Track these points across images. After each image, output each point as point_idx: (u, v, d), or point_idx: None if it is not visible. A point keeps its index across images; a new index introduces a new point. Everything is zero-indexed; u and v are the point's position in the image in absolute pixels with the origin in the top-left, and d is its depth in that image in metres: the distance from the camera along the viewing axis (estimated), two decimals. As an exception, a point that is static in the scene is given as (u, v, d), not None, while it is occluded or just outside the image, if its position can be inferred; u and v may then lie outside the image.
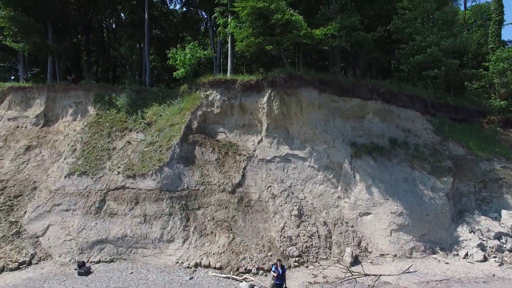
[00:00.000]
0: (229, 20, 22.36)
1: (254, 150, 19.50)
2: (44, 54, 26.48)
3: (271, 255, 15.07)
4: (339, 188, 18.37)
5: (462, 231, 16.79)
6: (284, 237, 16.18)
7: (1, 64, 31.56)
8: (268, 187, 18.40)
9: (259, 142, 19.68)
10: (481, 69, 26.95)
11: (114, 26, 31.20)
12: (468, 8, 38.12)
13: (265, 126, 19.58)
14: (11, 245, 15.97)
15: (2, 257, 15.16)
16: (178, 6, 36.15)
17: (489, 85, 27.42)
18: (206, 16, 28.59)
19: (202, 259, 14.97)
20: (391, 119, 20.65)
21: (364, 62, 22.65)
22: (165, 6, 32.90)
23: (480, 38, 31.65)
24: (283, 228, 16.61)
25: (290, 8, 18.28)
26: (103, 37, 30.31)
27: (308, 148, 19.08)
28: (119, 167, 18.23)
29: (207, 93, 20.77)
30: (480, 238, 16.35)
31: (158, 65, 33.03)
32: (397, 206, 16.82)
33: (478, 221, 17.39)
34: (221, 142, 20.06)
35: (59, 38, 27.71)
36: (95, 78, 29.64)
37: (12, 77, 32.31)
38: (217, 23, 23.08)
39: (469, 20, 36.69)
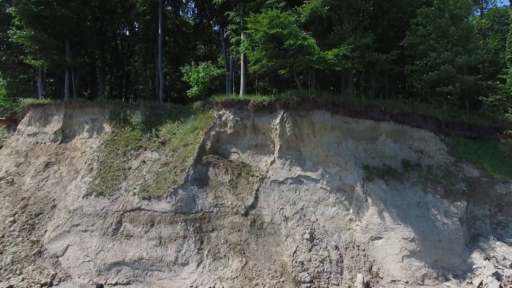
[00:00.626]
0: (242, 38, 22.71)
1: (267, 171, 19.83)
2: (62, 69, 27.36)
3: (283, 281, 15.44)
4: (351, 210, 18.57)
5: (477, 258, 16.83)
6: (296, 261, 16.52)
7: (21, 76, 32.43)
8: (280, 209, 18.73)
9: (271, 163, 20.00)
10: (498, 82, 26.57)
11: (128, 42, 32.00)
12: (485, 12, 37.41)
13: (278, 147, 19.88)
14: (33, 265, 16.76)
15: (25, 278, 15.94)
16: (190, 14, 36.49)
17: (506, 98, 27.11)
18: (218, 29, 28.87)
19: (215, 284, 15.45)
20: (404, 139, 20.69)
21: (377, 82, 22.67)
22: (178, 17, 33.37)
23: (497, 45, 31.20)
24: (295, 252, 16.95)
25: (303, 30, 18.47)
26: (117, 52, 31.14)
27: (320, 169, 19.31)
28: (134, 188, 18.82)
29: (220, 112, 21.19)
30: (495, 266, 16.37)
31: (171, 75, 33.65)
32: (409, 231, 16.94)
33: (493, 248, 17.39)
34: (234, 162, 20.45)
35: (76, 54, 28.53)
36: (110, 91, 30.50)
37: (31, 87, 33.21)
38: (230, 41, 23.39)
39: (486, 25, 36.06)
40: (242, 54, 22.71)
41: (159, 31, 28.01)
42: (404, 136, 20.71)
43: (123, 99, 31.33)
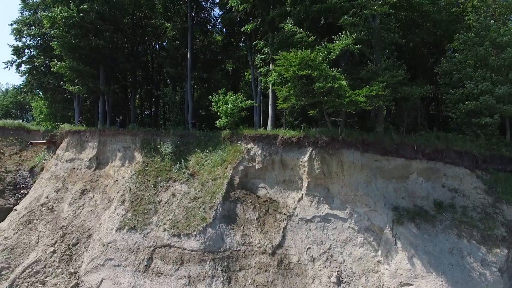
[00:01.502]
0: (270, 67, 23.01)
1: (294, 208, 20.07)
2: (96, 95, 28.87)
3: (310, 329, 15.66)
4: (379, 252, 18.44)
5: (515, 313, 16.26)
6: (323, 307, 16.68)
7: (59, 98, 34.46)
8: (307, 249, 18.93)
9: (299, 200, 20.20)
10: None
11: (158, 67, 33.26)
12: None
13: (306, 184, 20.04)
14: (72, 298, 18.00)
15: (64, 311, 17.17)
16: (218, 31, 37.10)
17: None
18: (247, 53, 29.29)
19: (243, 328, 15.92)
20: (437, 177, 20.19)
21: (409, 116, 22.21)
22: (207, 37, 34.06)
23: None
24: (322, 296, 17.11)
25: (333, 68, 18.48)
26: (148, 77, 32.48)
27: (348, 209, 19.29)
28: (165, 224, 19.67)
29: (249, 146, 21.63)
30: (535, 323, 15.76)
31: (200, 90, 34.63)
32: (441, 281, 16.62)
33: (535, 301, 16.72)
34: (261, 198, 20.84)
35: (109, 79, 29.96)
36: (140, 115, 31.87)
37: (68, 107, 35.31)
38: (259, 70, 23.74)
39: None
40: (270, 85, 22.96)
41: (188, 56, 28.83)
42: (437, 174, 20.21)
43: (153, 122, 32.61)
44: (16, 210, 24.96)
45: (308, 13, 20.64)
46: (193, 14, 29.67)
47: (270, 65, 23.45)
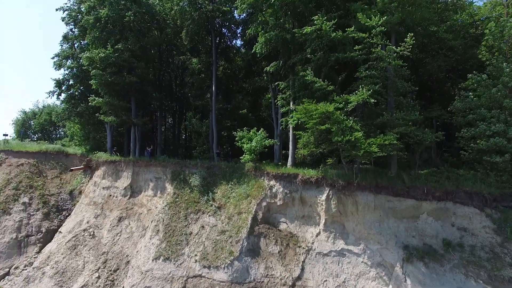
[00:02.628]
0: (291, 106, 25.29)
1: (313, 243, 22.44)
2: (128, 126, 32.00)
3: None
4: (390, 286, 20.58)
5: None
6: (338, 338, 19.05)
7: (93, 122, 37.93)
8: (324, 281, 21.30)
9: (317, 235, 22.55)
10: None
11: (185, 99, 36.29)
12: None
13: (323, 220, 22.36)
14: (116, 322, 21.08)
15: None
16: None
17: None
18: (269, 86, 31.60)
19: None
20: (446, 217, 22.04)
21: (420, 158, 24.04)
22: (230, 65, 36.55)
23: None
24: (337, 328, 19.47)
25: (350, 118, 20.62)
26: (175, 107, 35.47)
27: (362, 245, 21.49)
28: (196, 255, 22.46)
29: (271, 183, 24.10)
30: None
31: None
32: (447, 318, 18.66)
33: None
34: (282, 232, 23.31)
35: (139, 109, 33.06)
36: (168, 143, 34.88)
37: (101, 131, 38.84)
38: (281, 111, 26.09)
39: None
40: (291, 125, 25.22)
41: (213, 88, 31.47)
42: (447, 213, 22.07)
43: (180, 149, 35.60)
44: (61, 232, 28.41)
45: (327, 61, 22.79)
46: (216, 42, 32.22)
47: (291, 105, 25.72)
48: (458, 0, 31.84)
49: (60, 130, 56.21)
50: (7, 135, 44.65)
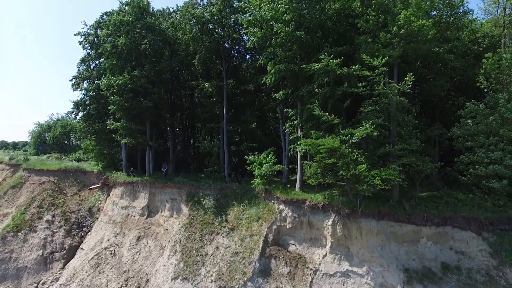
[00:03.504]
0: (299, 133, 27.22)
1: (319, 264, 24.46)
2: (143, 147, 34.19)
3: None
4: (393, 306, 22.55)
5: None
6: None
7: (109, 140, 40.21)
8: (330, 301, 23.32)
9: (323, 257, 24.55)
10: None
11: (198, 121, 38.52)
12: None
13: (329, 243, 24.35)
14: (140, 336, 23.31)
15: None
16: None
17: None
18: (277, 110, 33.54)
19: None
20: (445, 240, 23.89)
21: (421, 186, 25.84)
22: (240, 89, 38.45)
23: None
24: None
25: (354, 150, 22.54)
26: (188, 131, 37.65)
27: (365, 266, 23.46)
28: (211, 275, 24.59)
29: (281, 207, 26.14)
30: None
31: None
32: (444, 338, 20.59)
33: None
34: (291, 253, 25.36)
35: (152, 129, 35.23)
36: (180, 158, 37.15)
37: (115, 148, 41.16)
38: (290, 138, 28.05)
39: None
40: (299, 152, 27.17)
41: (224, 111, 33.52)
42: (445, 237, 23.92)
43: (192, 168, 37.85)
44: (83, 249, 30.73)
45: (333, 94, 24.69)
46: (227, 66, 34.25)
47: (299, 131, 27.66)
48: (459, 19, 33.20)
49: (73, 142, 58.80)
50: (26, 150, 47.18)
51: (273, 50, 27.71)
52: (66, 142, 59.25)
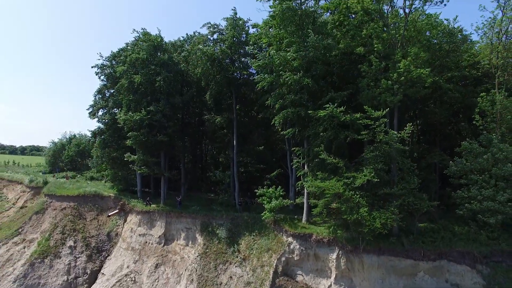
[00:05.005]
0: (306, 169, 29.69)
1: (325, 294, 27.01)
2: (158, 176, 36.89)
3: None
4: (393, 335, 25.08)
5: None
6: None
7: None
8: (335, 329, 25.87)
9: (329, 287, 27.08)
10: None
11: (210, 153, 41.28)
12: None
13: (334, 275, 26.88)
14: None
15: None
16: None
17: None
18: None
19: None
20: (441, 273, 26.31)
21: (419, 219, 28.14)
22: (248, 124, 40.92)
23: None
24: None
25: (357, 193, 24.98)
26: (201, 161, 40.34)
27: (368, 298, 25.98)
28: (226, 305, 27.25)
29: (289, 240, 28.69)
30: None
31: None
32: None
33: None
34: (299, 283, 27.93)
35: (165, 158, 37.94)
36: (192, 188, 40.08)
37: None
38: (297, 174, 30.54)
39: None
40: (306, 188, 29.62)
41: (234, 143, 36.06)
42: (441, 271, 26.33)
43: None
44: (104, 274, 33.52)
45: (337, 137, 27.11)
46: (237, 99, 36.80)
47: (305, 167, 30.12)
48: (458, 46, 35.11)
49: (87, 161, 61.74)
50: (45, 172, 50.19)
51: (281, 91, 30.03)
52: (79, 160, 62.29)
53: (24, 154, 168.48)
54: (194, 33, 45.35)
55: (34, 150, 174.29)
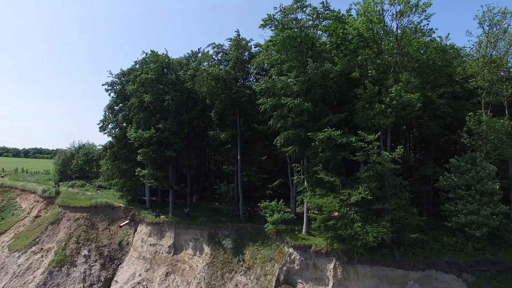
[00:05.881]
0: (306, 184, 32.29)
1: (323, 301, 29.70)
2: (167, 189, 39.61)
3: None
4: (385, 338, 27.76)
5: None
6: None
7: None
8: (333, 333, 28.58)
9: (327, 295, 29.78)
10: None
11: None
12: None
13: (331, 283, 29.53)
14: None
15: None
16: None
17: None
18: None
19: None
20: (430, 282, 28.95)
21: (410, 231, 30.67)
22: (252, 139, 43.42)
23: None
24: None
25: (352, 209, 27.61)
26: (206, 172, 43.10)
27: (362, 304, 28.66)
28: (233, 311, 29.96)
29: (290, 251, 31.35)
30: None
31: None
32: None
33: None
34: (299, 291, 30.62)
35: (175, 175, 40.67)
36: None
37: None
38: (297, 190, 33.16)
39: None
40: (305, 202, 32.22)
41: (238, 157, 38.68)
42: (430, 279, 28.98)
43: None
44: (117, 282, 36.25)
45: (334, 157, 29.69)
46: (241, 118, 39.40)
47: (305, 183, 32.73)
48: (450, 63, 37.62)
49: (94, 170, 64.59)
50: (57, 185, 53.07)
51: (283, 113, 32.55)
52: (87, 168, 65.10)
53: (27, 157, 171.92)
54: (198, 49, 48.10)
55: (37, 153, 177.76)
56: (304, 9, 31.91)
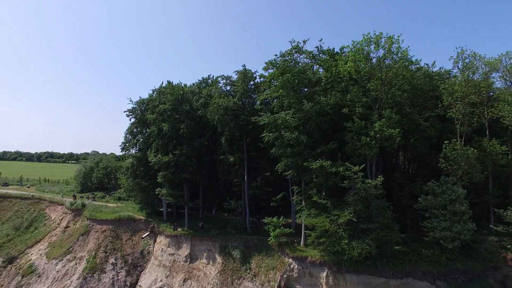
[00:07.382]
0: (303, 204, 38.49)
1: (318, 304, 35.96)
2: (182, 204, 46.14)
3: None
4: (369, 335, 33.94)
5: None
6: None
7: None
8: (325, 331, 34.83)
9: (321, 299, 36.02)
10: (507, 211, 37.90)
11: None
12: None
13: (324, 290, 35.75)
14: None
15: None
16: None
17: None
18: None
19: None
20: (407, 288, 35.04)
21: (392, 244, 36.67)
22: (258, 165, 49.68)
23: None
24: None
25: (340, 228, 33.76)
26: (218, 192, 49.74)
27: (350, 307, 34.84)
28: (241, 313, 36.36)
29: (290, 261, 37.62)
30: None
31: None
32: None
33: None
34: (298, 296, 36.88)
35: (189, 192, 47.17)
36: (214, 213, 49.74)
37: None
38: (296, 208, 39.40)
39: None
40: (303, 219, 38.42)
41: (245, 178, 44.97)
42: (407, 286, 34.92)
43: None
44: (141, 286, 42.82)
45: (326, 182, 35.84)
46: (247, 142, 45.68)
47: (303, 203, 38.92)
48: (436, 88, 43.34)
49: (113, 182, 71.60)
50: (74, 197, 60.35)
51: (283, 143, 38.74)
52: (106, 180, 72.13)
53: (40, 161, 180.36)
54: (208, 76, 54.57)
55: (49, 157, 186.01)
56: (301, 54, 38.08)
